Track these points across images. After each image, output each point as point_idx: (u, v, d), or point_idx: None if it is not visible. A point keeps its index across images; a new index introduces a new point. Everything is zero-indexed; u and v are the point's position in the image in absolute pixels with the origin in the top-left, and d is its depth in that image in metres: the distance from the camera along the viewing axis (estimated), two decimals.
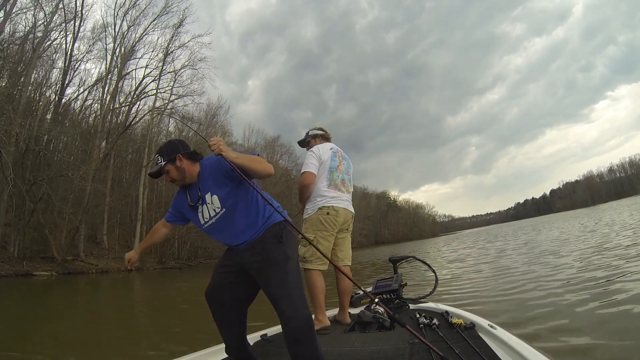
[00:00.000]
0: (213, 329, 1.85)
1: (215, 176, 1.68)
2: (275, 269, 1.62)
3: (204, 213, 1.73)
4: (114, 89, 26.12)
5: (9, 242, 15.83)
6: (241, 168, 1.57)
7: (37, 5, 20.88)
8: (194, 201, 1.74)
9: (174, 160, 1.71)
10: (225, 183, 1.67)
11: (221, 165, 1.64)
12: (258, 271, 1.66)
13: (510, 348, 1.63)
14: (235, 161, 1.56)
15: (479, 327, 2.10)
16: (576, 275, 5.35)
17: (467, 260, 11.24)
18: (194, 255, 30.01)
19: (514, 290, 5.09)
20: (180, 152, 1.73)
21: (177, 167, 1.71)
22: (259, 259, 1.65)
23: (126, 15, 26.31)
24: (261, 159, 1.67)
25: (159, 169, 1.72)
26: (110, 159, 25.94)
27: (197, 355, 2.10)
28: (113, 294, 11.84)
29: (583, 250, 8.22)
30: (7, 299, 10.11)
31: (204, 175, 1.73)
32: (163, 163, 1.71)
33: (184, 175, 1.72)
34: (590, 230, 14.00)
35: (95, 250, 22.95)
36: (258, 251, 1.65)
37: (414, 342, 2.00)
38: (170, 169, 1.71)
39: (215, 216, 1.71)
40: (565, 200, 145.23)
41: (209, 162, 1.73)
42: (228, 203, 1.67)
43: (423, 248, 26.89)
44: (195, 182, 1.75)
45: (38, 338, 4.78)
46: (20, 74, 19.82)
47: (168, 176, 1.73)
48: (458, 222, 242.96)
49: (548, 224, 31.07)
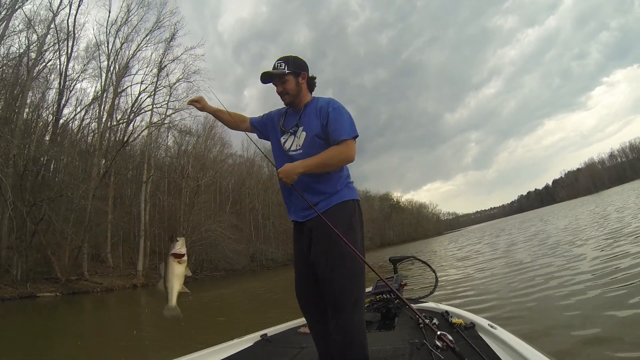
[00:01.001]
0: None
1: (316, 119, 1.65)
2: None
3: (287, 142, 1.73)
4: (110, 106, 26.13)
5: (12, 264, 15.67)
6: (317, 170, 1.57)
7: (30, 27, 21.00)
8: (287, 127, 1.73)
9: (298, 74, 1.70)
10: (318, 130, 1.64)
11: (321, 114, 1.64)
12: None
13: (510, 348, 1.63)
14: (308, 172, 1.55)
15: (479, 327, 2.11)
16: (601, 266, 5.09)
17: (475, 258, 11.03)
18: (200, 268, 29.75)
19: (532, 290, 4.79)
20: (306, 71, 1.73)
21: (297, 82, 1.70)
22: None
23: (118, 32, 26.43)
24: (335, 152, 1.57)
25: (281, 74, 1.67)
26: (110, 177, 25.89)
27: (197, 355, 2.10)
28: (118, 311, 11.66)
29: (598, 238, 8.04)
30: (15, 320, 9.99)
31: (310, 110, 1.70)
32: (287, 70, 1.67)
33: (297, 94, 1.71)
34: (602, 216, 13.80)
35: (100, 268, 22.76)
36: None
37: (414, 342, 2.02)
38: (290, 80, 1.69)
39: (295, 151, 1.70)
40: (568, 189, 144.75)
41: (320, 103, 1.69)
42: (309, 150, 1.63)
43: (429, 247, 26.62)
44: (299, 110, 1.73)
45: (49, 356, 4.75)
46: (16, 97, 19.83)
47: (283, 85, 1.69)
48: (462, 219, 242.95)
49: (554, 213, 30.79)
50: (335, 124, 1.58)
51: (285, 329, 2.88)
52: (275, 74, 1.68)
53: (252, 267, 35.85)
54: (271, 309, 7.67)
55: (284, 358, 2.15)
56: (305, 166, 1.53)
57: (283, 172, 1.53)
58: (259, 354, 2.30)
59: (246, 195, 44.44)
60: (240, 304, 9.18)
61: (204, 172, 35.22)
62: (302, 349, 2.28)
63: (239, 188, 44.45)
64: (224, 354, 2.17)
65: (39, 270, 16.67)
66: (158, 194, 30.89)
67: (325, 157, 1.56)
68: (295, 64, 1.69)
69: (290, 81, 1.68)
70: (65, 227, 17.80)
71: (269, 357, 2.19)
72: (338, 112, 1.61)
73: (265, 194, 46.09)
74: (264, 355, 2.22)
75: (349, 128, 1.58)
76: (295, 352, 2.23)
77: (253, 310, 7.36)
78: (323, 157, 1.56)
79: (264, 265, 37.96)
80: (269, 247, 39.94)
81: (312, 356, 2.13)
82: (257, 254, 38.41)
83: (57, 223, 16.58)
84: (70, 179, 19.60)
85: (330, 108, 1.62)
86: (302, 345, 2.36)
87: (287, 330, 2.87)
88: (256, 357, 2.26)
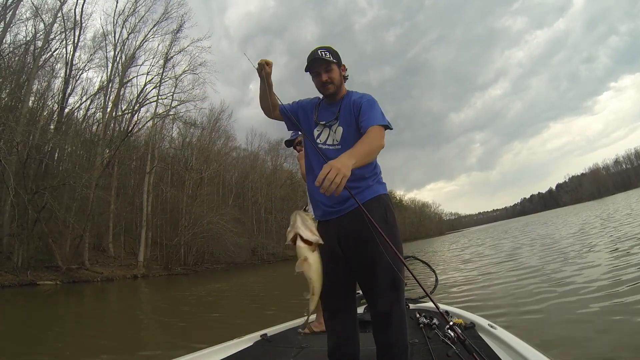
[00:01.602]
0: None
1: (351, 114, 1.64)
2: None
3: (322, 135, 1.70)
4: (115, 96, 26.17)
5: (13, 252, 15.77)
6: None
7: (37, 16, 20.99)
8: (323, 120, 1.70)
9: (340, 64, 1.69)
10: (354, 125, 1.61)
11: (354, 107, 1.63)
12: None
13: (510, 348, 1.64)
14: (357, 164, 1.37)
15: (479, 327, 2.12)
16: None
17: (478, 261, 10.89)
18: (201, 261, 29.85)
19: (541, 296, 4.61)
20: (343, 65, 1.72)
21: (340, 73, 1.69)
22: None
23: (126, 22, 26.41)
24: (372, 137, 1.47)
25: (329, 62, 1.64)
26: (114, 167, 25.99)
27: (197, 355, 2.11)
28: (116, 301, 11.69)
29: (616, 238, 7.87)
30: (14, 307, 10.05)
31: (346, 104, 1.68)
32: (333, 60, 1.65)
33: (340, 84, 1.70)
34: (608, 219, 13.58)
35: (102, 258, 22.91)
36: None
37: (414, 342, 2.02)
38: (335, 69, 1.66)
39: (331, 146, 1.67)
40: (571, 194, 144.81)
41: (354, 97, 1.68)
42: (350, 145, 1.53)
43: (431, 247, 26.41)
44: (335, 102, 1.71)
45: (47, 342, 4.85)
46: (22, 85, 19.86)
47: (329, 74, 1.65)
48: (464, 220, 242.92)
49: (558, 217, 30.44)
50: (368, 113, 1.57)
51: (285, 329, 2.90)
52: (326, 60, 1.63)
53: (253, 261, 35.93)
54: (267, 301, 7.62)
55: (284, 358, 2.16)
56: (354, 156, 1.32)
57: (336, 169, 1.21)
58: (259, 353, 2.30)
59: (249, 189, 44.46)
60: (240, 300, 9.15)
61: (207, 165, 35.27)
62: (302, 349, 2.28)
63: (242, 181, 44.46)
64: (224, 353, 2.18)
65: (40, 259, 16.76)
66: (161, 185, 30.96)
67: (367, 144, 1.43)
68: (336, 54, 1.68)
69: (336, 70, 1.66)
70: (67, 216, 17.86)
71: (269, 357, 2.20)
72: (371, 103, 1.61)
73: (269, 188, 46.09)
74: (264, 355, 2.23)
75: (380, 117, 1.56)
76: (295, 352, 2.23)
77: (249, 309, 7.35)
78: (365, 145, 1.43)
79: (264, 259, 38.04)
80: (271, 241, 39.96)
81: (312, 356, 2.15)
82: (258, 248, 38.49)
83: (58, 212, 16.62)
84: (73, 167, 19.62)
85: (364, 100, 1.62)
86: (302, 345, 2.37)
87: (287, 330, 2.89)
88: (256, 357, 2.26)
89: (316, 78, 1.67)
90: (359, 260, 1.56)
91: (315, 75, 1.66)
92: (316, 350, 2.22)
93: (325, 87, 1.66)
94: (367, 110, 1.58)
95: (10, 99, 18.94)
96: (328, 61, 1.62)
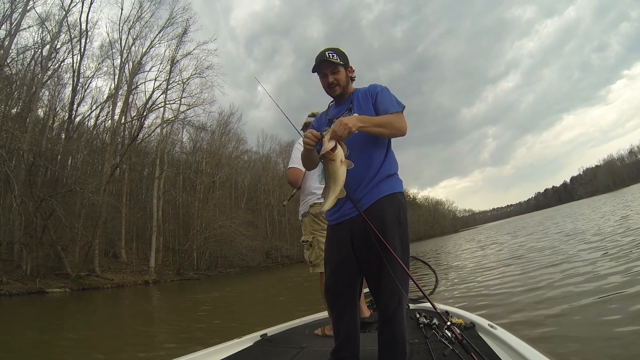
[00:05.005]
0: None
1: (366, 101, 1.69)
2: None
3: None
4: (123, 103, 26.28)
5: (22, 260, 15.76)
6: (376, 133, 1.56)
7: (42, 26, 21.22)
8: (337, 115, 1.72)
9: (347, 66, 1.74)
10: (371, 109, 1.66)
11: (370, 94, 1.68)
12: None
13: (510, 348, 1.64)
14: (366, 130, 1.51)
15: (479, 327, 2.13)
16: None
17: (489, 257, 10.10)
18: (214, 265, 29.66)
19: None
20: (351, 67, 1.77)
21: (346, 74, 1.74)
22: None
23: (131, 29, 26.51)
24: (391, 119, 1.56)
25: (336, 64, 1.68)
26: (124, 174, 26.04)
27: (197, 355, 2.12)
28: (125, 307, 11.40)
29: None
30: (22, 314, 9.90)
31: (358, 95, 1.73)
32: (340, 62, 1.69)
33: (346, 85, 1.74)
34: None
35: (114, 264, 22.90)
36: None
37: (414, 342, 2.03)
38: (342, 71, 1.71)
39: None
40: (586, 186, 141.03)
41: (366, 88, 1.75)
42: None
43: (445, 247, 25.16)
44: (345, 100, 1.76)
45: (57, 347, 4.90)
46: (29, 94, 20.06)
47: (335, 76, 1.70)
48: (479, 217, 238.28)
49: (582, 209, 28.84)
50: (384, 100, 1.63)
51: (285, 329, 2.89)
52: (333, 62, 1.67)
53: (267, 264, 35.65)
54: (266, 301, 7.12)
55: (284, 358, 2.15)
56: (364, 120, 1.49)
57: (343, 123, 1.42)
58: (259, 354, 2.31)
59: (261, 192, 44.29)
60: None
61: (219, 169, 35.19)
62: (302, 349, 2.28)
63: (255, 184, 44.35)
64: (224, 353, 2.20)
65: (49, 266, 16.74)
66: (172, 190, 30.98)
67: (382, 119, 1.55)
68: (343, 56, 1.72)
69: (342, 72, 1.70)
70: (75, 223, 17.81)
71: (269, 357, 2.21)
72: (386, 91, 1.68)
73: (281, 190, 45.72)
74: (264, 355, 2.25)
75: (396, 103, 1.63)
76: (295, 352, 2.22)
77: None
78: (380, 118, 1.55)
79: (279, 262, 37.70)
80: (284, 244, 39.66)
81: (312, 356, 2.13)
82: (272, 251, 38.21)
83: (65, 219, 16.53)
84: (80, 174, 19.62)
85: (379, 88, 1.69)
86: (302, 345, 2.36)
87: (287, 330, 2.89)
88: (256, 357, 2.26)
89: (323, 79, 1.72)
90: (368, 260, 1.60)
91: (322, 77, 1.72)
92: (316, 350, 2.22)
93: (331, 88, 1.72)
94: (383, 96, 1.65)
95: (17, 107, 19.13)
96: (335, 63, 1.68)
